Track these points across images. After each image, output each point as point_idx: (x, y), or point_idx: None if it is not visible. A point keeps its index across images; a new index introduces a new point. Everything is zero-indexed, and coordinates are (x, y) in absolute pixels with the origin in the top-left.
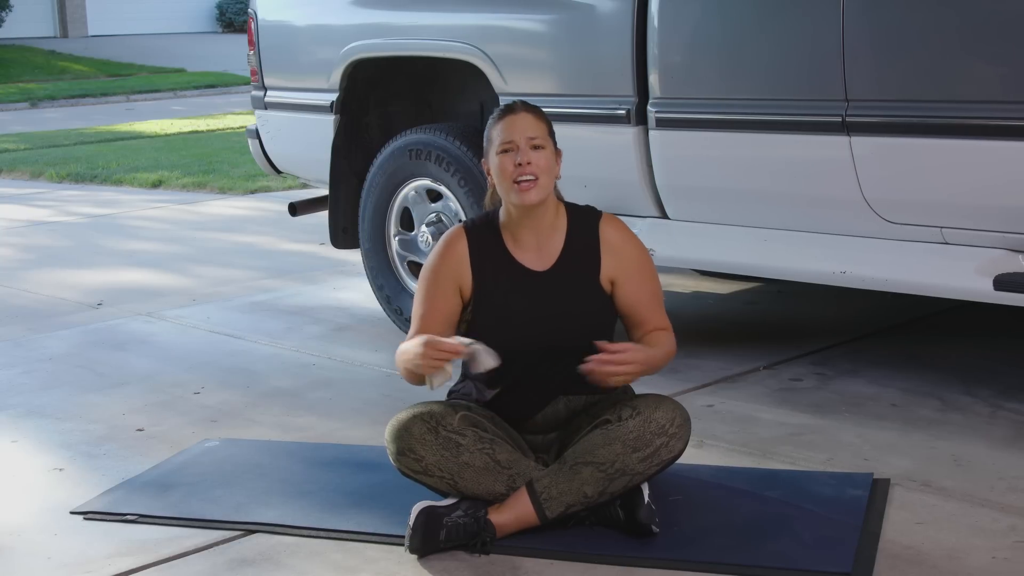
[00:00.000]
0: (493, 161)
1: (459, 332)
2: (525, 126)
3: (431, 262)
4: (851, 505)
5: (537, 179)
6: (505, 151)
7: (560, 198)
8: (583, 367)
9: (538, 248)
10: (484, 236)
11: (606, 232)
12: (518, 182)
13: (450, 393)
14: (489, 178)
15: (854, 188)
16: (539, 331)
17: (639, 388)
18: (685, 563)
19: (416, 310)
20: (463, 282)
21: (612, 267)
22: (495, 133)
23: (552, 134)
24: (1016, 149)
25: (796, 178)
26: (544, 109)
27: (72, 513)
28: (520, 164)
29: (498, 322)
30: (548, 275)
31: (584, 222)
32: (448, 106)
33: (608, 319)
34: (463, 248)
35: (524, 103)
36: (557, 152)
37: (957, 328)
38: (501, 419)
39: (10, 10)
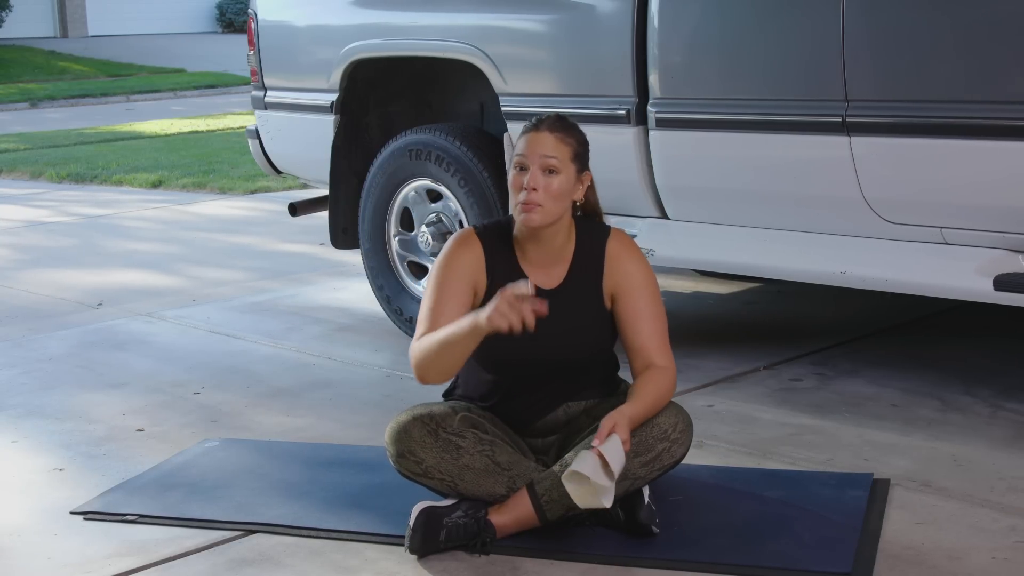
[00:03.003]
0: (510, 173)
1: None
2: (542, 147)
3: (447, 257)
4: (851, 505)
5: (541, 205)
6: (519, 169)
7: (594, 209)
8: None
9: (547, 265)
10: (497, 244)
11: (612, 247)
12: (522, 203)
13: (446, 394)
14: None
15: (854, 188)
16: (543, 347)
17: None
18: (685, 563)
19: (428, 305)
20: (479, 282)
21: (612, 282)
22: (517, 146)
23: (578, 156)
24: (1016, 149)
25: (796, 178)
26: (544, 109)
27: (72, 513)
28: (526, 187)
29: (501, 335)
30: (555, 293)
31: (593, 239)
32: (448, 106)
33: (610, 336)
34: (479, 249)
35: (555, 121)
36: (584, 175)
37: (957, 328)
38: (500, 421)
39: (10, 10)
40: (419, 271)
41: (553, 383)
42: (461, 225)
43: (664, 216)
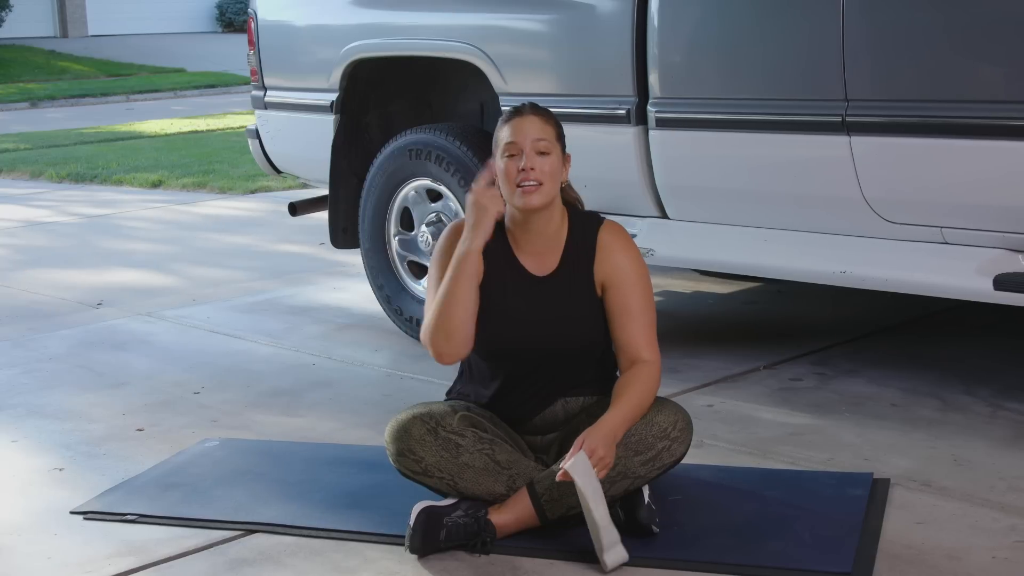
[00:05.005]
0: (499, 164)
1: None
2: (531, 130)
3: (443, 246)
4: (851, 505)
5: (541, 184)
6: (510, 155)
7: (576, 203)
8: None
9: (540, 253)
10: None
11: (604, 238)
12: (521, 186)
13: (447, 394)
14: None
15: (854, 188)
16: (536, 334)
17: None
18: (685, 563)
19: (431, 292)
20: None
21: (603, 272)
22: (502, 135)
23: (560, 137)
24: (1016, 149)
25: (796, 178)
26: None
27: (72, 513)
28: (523, 169)
29: (495, 321)
30: (548, 280)
31: (585, 228)
32: (448, 106)
33: (604, 326)
34: None
35: (533, 106)
36: (566, 156)
37: (957, 328)
38: (500, 420)
39: (10, 10)
40: (419, 271)
41: (549, 375)
42: None
43: (664, 216)
